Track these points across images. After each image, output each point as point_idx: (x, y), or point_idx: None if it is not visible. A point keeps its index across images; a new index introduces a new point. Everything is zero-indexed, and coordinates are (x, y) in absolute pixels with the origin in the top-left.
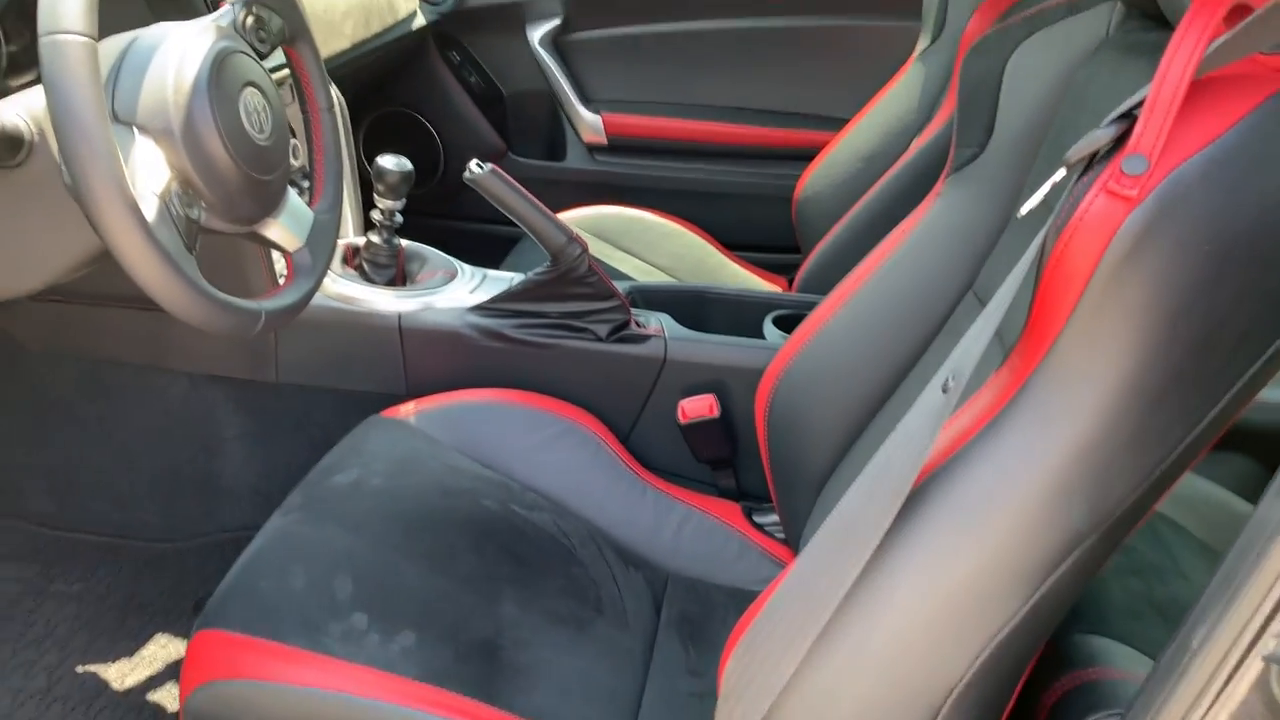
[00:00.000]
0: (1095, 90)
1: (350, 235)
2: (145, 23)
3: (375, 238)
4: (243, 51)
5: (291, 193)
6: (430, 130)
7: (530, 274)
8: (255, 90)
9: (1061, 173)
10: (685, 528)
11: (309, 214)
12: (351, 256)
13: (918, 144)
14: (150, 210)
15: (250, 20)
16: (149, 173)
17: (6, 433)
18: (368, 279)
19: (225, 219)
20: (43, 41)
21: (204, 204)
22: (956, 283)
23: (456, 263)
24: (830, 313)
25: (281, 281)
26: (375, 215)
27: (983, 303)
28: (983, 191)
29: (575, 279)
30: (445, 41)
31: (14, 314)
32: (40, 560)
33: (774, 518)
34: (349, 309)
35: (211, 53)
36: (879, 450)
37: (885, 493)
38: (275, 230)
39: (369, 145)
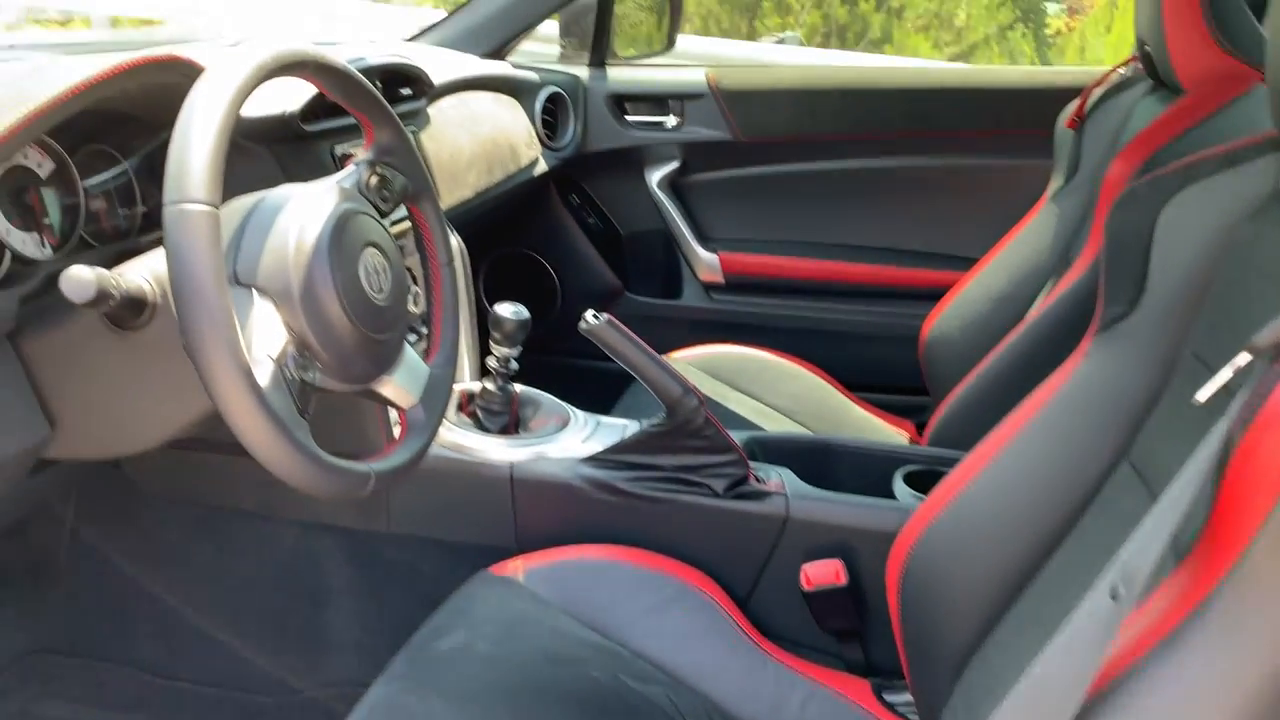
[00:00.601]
0: (1265, 251)
1: (466, 380)
2: (275, 181)
3: (490, 385)
4: (364, 212)
5: (407, 348)
6: (548, 270)
7: (645, 425)
8: (375, 250)
9: (1246, 357)
10: (809, 706)
11: (424, 370)
12: (466, 403)
13: (1057, 291)
14: (264, 375)
15: (374, 180)
16: (266, 336)
17: (119, 576)
18: (481, 426)
19: (340, 379)
20: (167, 210)
21: (319, 366)
22: (1108, 450)
23: (569, 409)
24: (970, 476)
25: (395, 434)
26: (491, 362)
27: (1142, 476)
28: (1135, 353)
29: (691, 431)
30: (565, 184)
31: (132, 456)
32: (147, 709)
33: (907, 697)
34: (462, 458)
35: (333, 216)
36: (1035, 661)
37: (1049, 712)
38: (389, 388)
39: (488, 286)
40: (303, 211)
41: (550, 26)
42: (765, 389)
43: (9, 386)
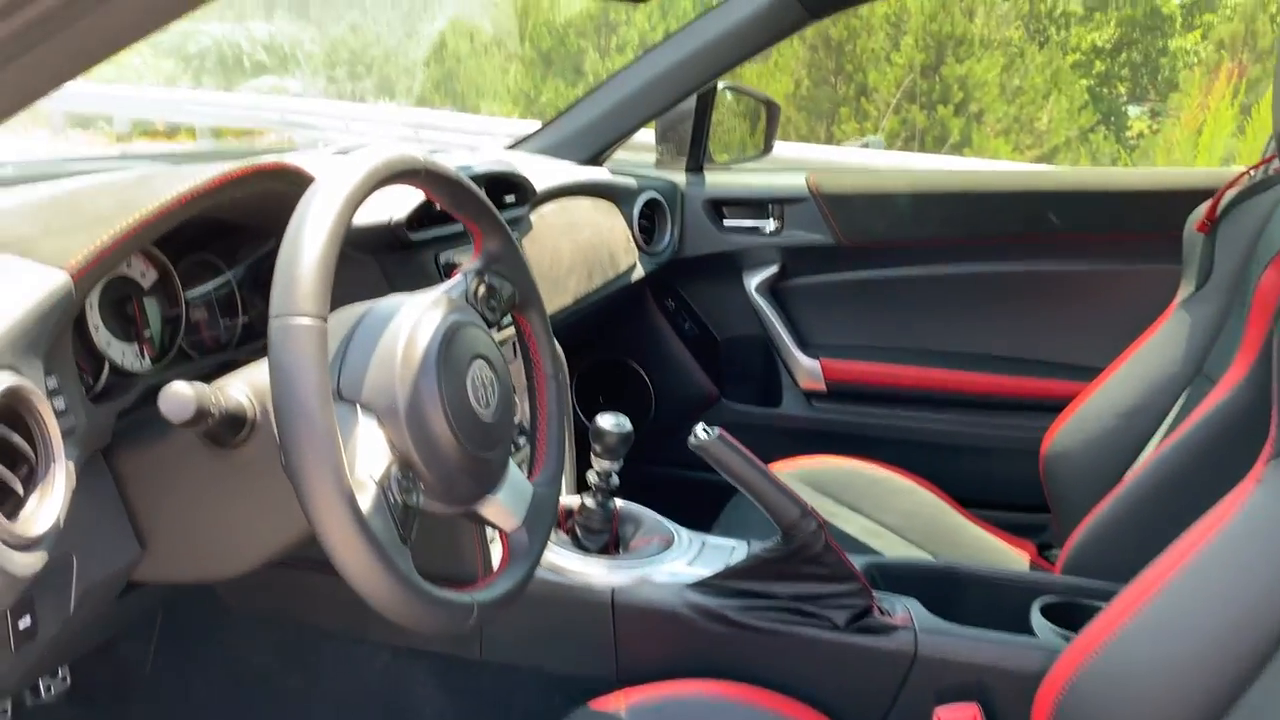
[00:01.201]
0: None
1: (564, 496)
2: (380, 290)
3: (590, 501)
4: (472, 323)
5: (512, 466)
6: (643, 376)
7: (758, 549)
8: (483, 363)
9: None
10: None
11: (528, 488)
12: (564, 520)
13: (1205, 407)
14: (367, 499)
15: (482, 289)
16: (370, 457)
17: (202, 697)
18: (580, 545)
19: (444, 501)
20: (273, 323)
21: (423, 487)
22: None
23: (673, 527)
24: (1129, 613)
25: (495, 557)
26: (591, 477)
27: None
28: None
29: (809, 557)
30: (661, 289)
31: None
32: None
33: None
34: (561, 581)
35: (442, 327)
36: None
37: None
38: (492, 509)
39: (581, 393)
40: (410, 323)
41: (645, 134)
42: (874, 505)
43: (101, 506)
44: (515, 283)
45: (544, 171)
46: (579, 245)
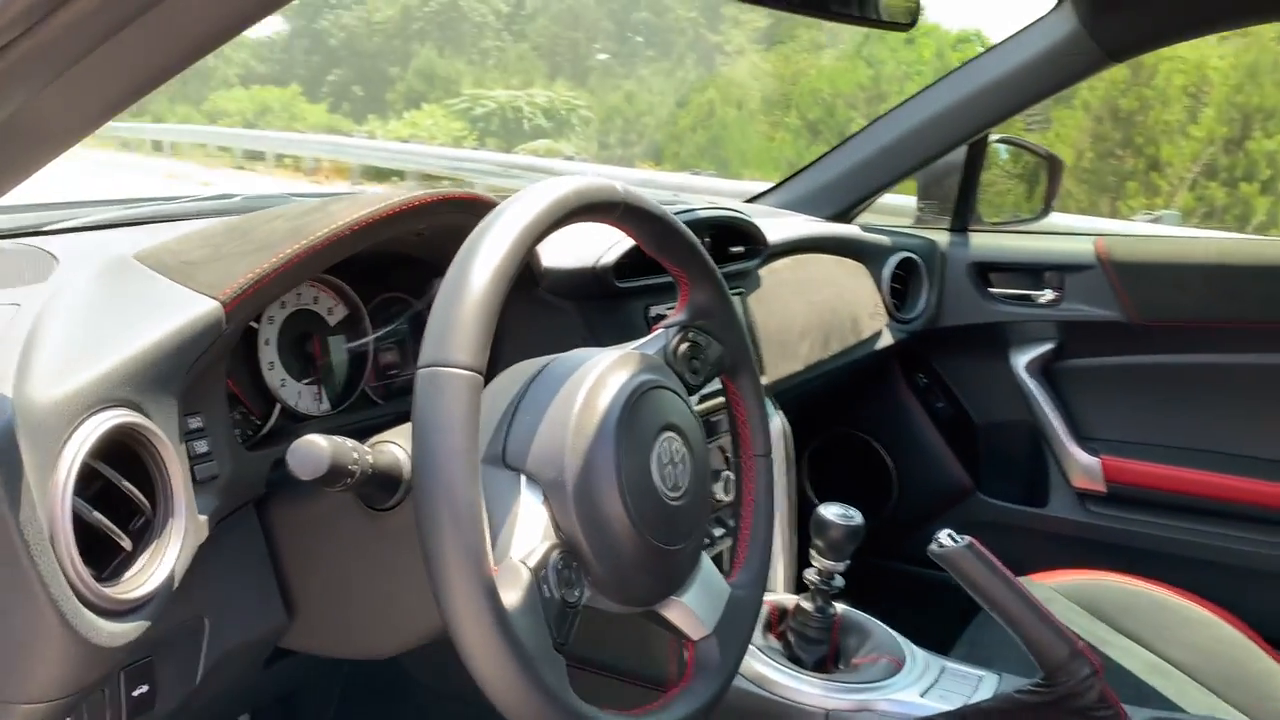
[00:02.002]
0: None
1: (779, 592)
2: (580, 343)
3: (807, 604)
4: (667, 387)
5: (705, 562)
6: (885, 459)
7: (1010, 687)
8: (675, 435)
9: None
10: None
11: (724, 590)
12: (776, 622)
13: None
14: (516, 590)
15: (684, 347)
16: (527, 537)
17: None
18: (793, 656)
19: (615, 599)
20: (419, 374)
21: (589, 579)
22: None
23: (905, 645)
24: None
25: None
26: (810, 575)
27: None
28: None
29: (1077, 709)
30: (912, 362)
31: None
32: None
33: None
34: (765, 696)
35: (629, 388)
36: None
37: None
38: (677, 612)
39: (811, 472)
40: (592, 379)
41: (895, 198)
42: (1158, 636)
43: (246, 564)
44: (725, 342)
45: (781, 224)
46: (815, 306)
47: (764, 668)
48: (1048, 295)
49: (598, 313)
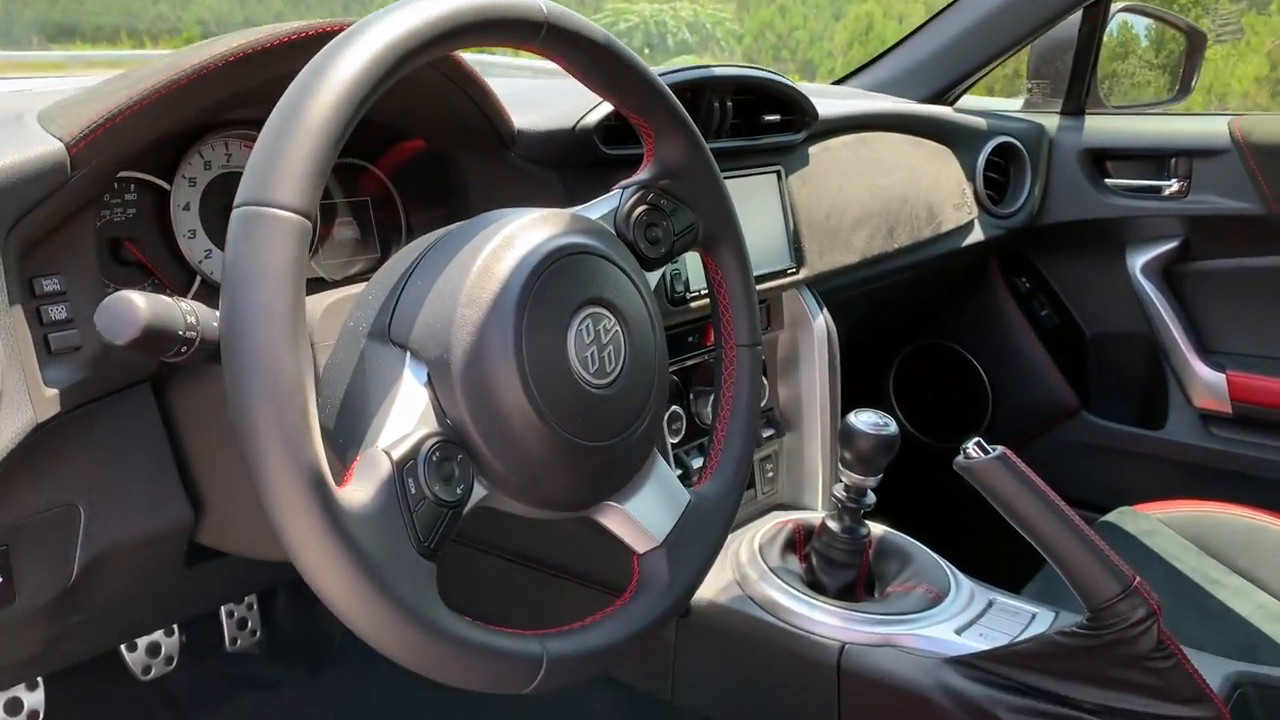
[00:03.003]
0: None
1: (817, 509)
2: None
3: (833, 524)
4: (601, 254)
5: (659, 465)
6: (978, 371)
7: (1052, 630)
8: (605, 311)
9: None
10: None
11: (681, 498)
12: (801, 542)
13: None
14: (367, 483)
15: (641, 211)
16: (399, 424)
17: (381, 675)
18: (814, 581)
19: (524, 499)
20: (233, 215)
21: (484, 476)
22: None
23: (951, 574)
24: None
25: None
26: (838, 491)
27: None
28: None
29: (1129, 658)
30: (1012, 262)
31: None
32: None
33: None
34: (775, 624)
35: (541, 252)
36: None
37: None
38: (616, 519)
39: (897, 385)
40: (496, 243)
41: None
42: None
43: (140, 451)
44: (699, 208)
45: (847, 101)
46: (879, 192)
47: (775, 592)
48: (1173, 185)
49: (583, 183)
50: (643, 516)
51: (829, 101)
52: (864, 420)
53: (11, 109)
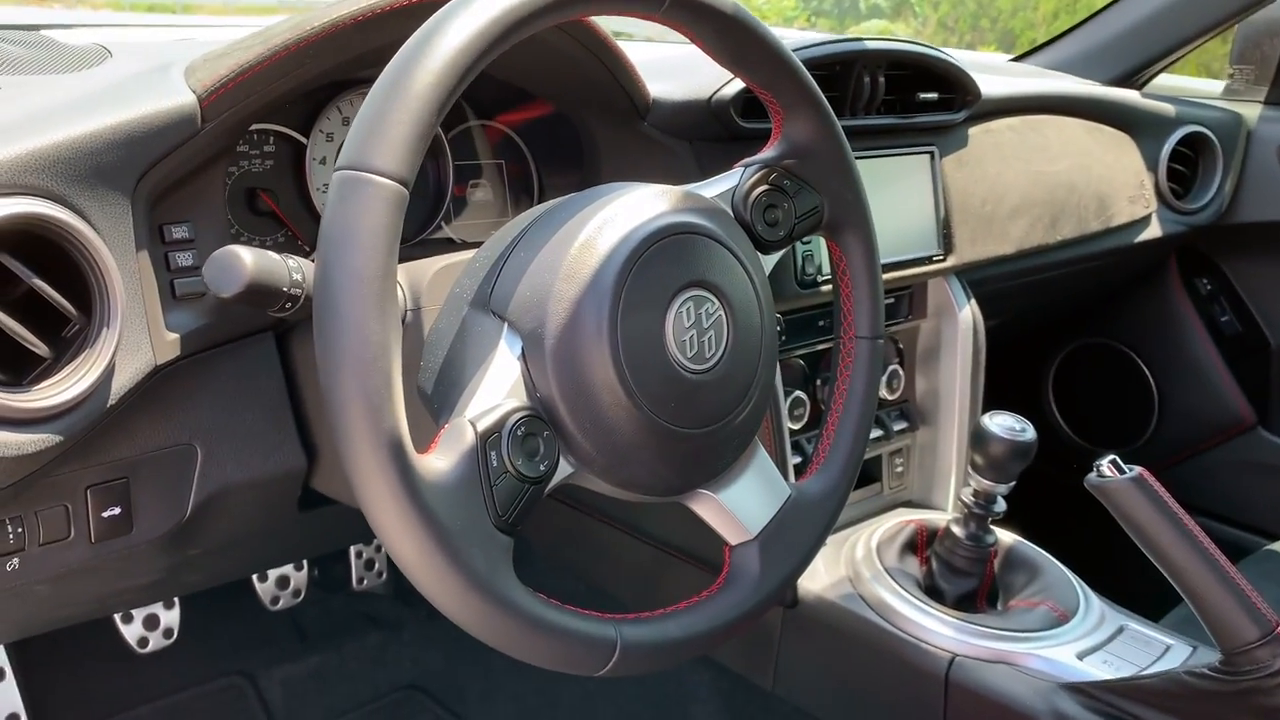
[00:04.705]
0: None
1: (946, 510)
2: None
3: (958, 529)
4: (711, 235)
5: (759, 454)
6: (1145, 376)
7: (1183, 667)
8: (708, 295)
9: None
10: None
11: (782, 491)
12: (923, 545)
13: None
14: (449, 454)
15: (761, 192)
16: (488, 394)
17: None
18: (932, 587)
19: (612, 480)
20: (332, 179)
21: (572, 454)
22: None
23: (1082, 591)
24: None
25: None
26: (965, 496)
27: None
28: None
29: (1261, 709)
30: (1193, 262)
31: None
32: None
33: None
34: (884, 627)
35: (647, 230)
36: None
37: None
38: (709, 508)
39: (1057, 385)
40: (601, 217)
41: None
42: None
43: (258, 397)
44: (825, 190)
45: (1015, 80)
46: (1044, 179)
47: (888, 594)
48: None
49: (717, 157)
50: (737, 507)
51: (995, 80)
52: (999, 423)
53: (164, 59)
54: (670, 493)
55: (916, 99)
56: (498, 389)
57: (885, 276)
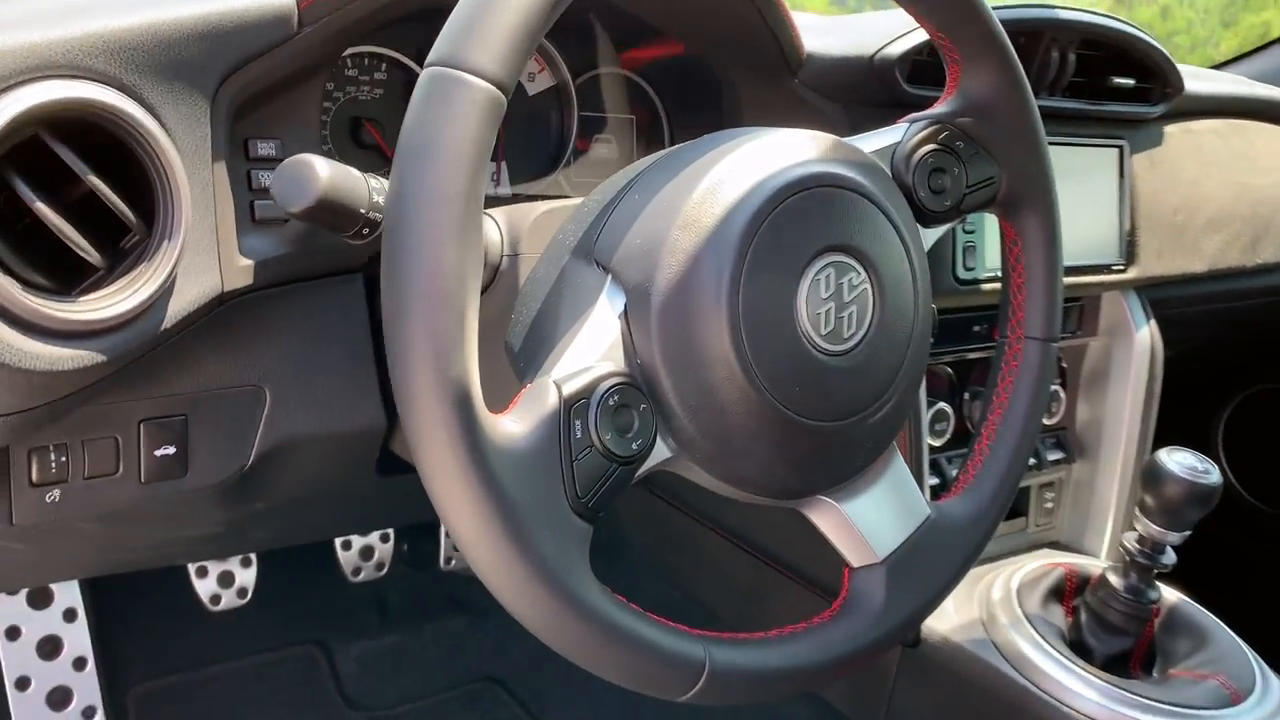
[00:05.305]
0: None
1: (1099, 556)
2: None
3: (1115, 578)
4: (864, 193)
5: (896, 464)
6: None
7: None
8: (854, 263)
9: None
10: None
11: (920, 510)
12: (1072, 592)
13: None
14: (526, 418)
15: (927, 152)
16: (580, 353)
17: None
18: (1078, 641)
19: (714, 471)
20: (421, 76)
21: (670, 433)
22: None
23: (1258, 666)
24: None
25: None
26: (1129, 542)
27: None
28: None
29: None
30: None
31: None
32: None
33: None
34: (1019, 681)
35: (784, 179)
36: None
37: None
38: (830, 520)
39: (1228, 431)
40: (730, 161)
41: None
42: None
43: (339, 345)
44: (1004, 159)
45: (1224, 80)
46: (1247, 193)
47: (1027, 645)
48: None
49: (874, 124)
50: (864, 523)
51: (1200, 75)
52: (1178, 461)
53: None
54: (786, 496)
55: (1109, 84)
56: (592, 349)
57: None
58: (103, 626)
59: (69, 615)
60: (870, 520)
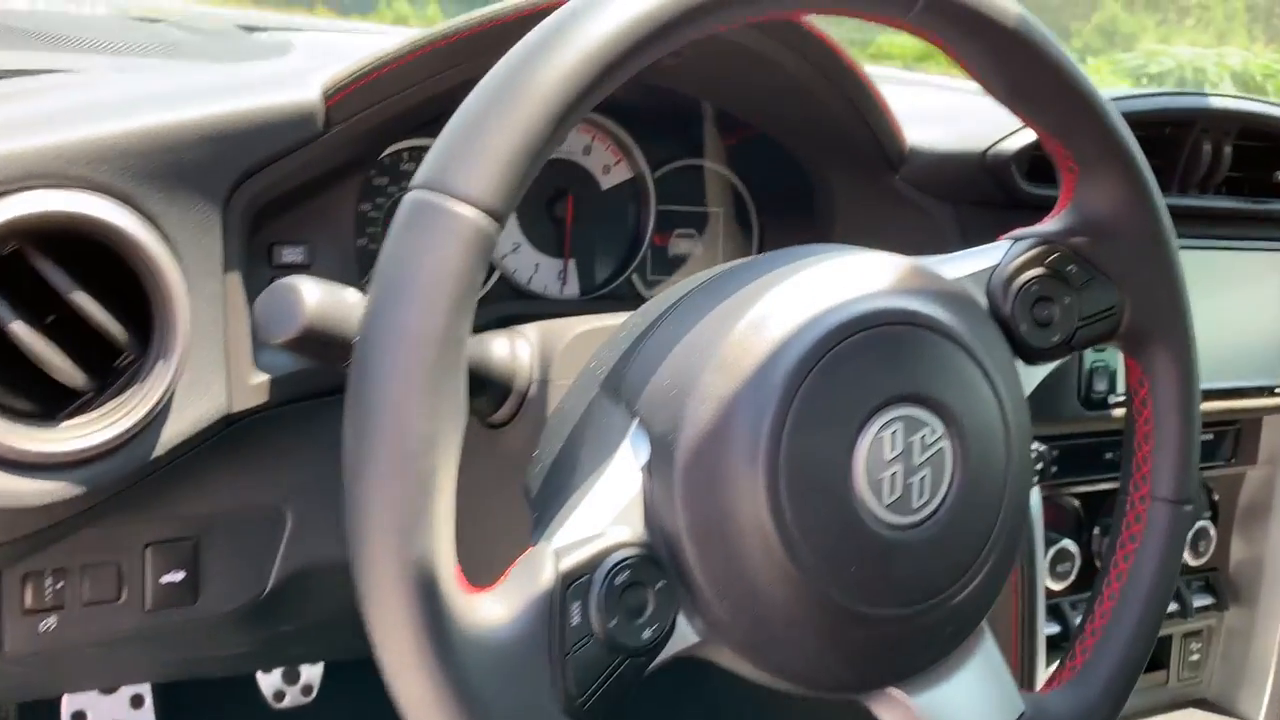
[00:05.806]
0: None
1: (1258, 718)
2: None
3: None
4: (946, 333)
5: (986, 648)
6: None
7: None
8: (930, 417)
9: None
10: None
11: (1013, 704)
12: None
13: None
14: (511, 599)
15: (1033, 277)
16: (590, 515)
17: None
18: None
19: (756, 660)
20: (403, 200)
21: (698, 615)
22: None
23: None
24: None
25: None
26: None
27: None
28: None
29: None
30: None
31: None
32: None
33: None
34: None
35: (843, 316)
36: None
37: None
38: (896, 715)
39: None
40: (779, 292)
41: None
42: None
43: None
44: (1128, 287)
45: None
46: None
47: None
48: None
49: (988, 227)
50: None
51: None
52: None
53: (336, 53)
54: (841, 690)
55: (1273, 179)
56: (606, 510)
57: (1207, 407)
58: (168, 714)
59: (136, 701)
60: (950, 716)
